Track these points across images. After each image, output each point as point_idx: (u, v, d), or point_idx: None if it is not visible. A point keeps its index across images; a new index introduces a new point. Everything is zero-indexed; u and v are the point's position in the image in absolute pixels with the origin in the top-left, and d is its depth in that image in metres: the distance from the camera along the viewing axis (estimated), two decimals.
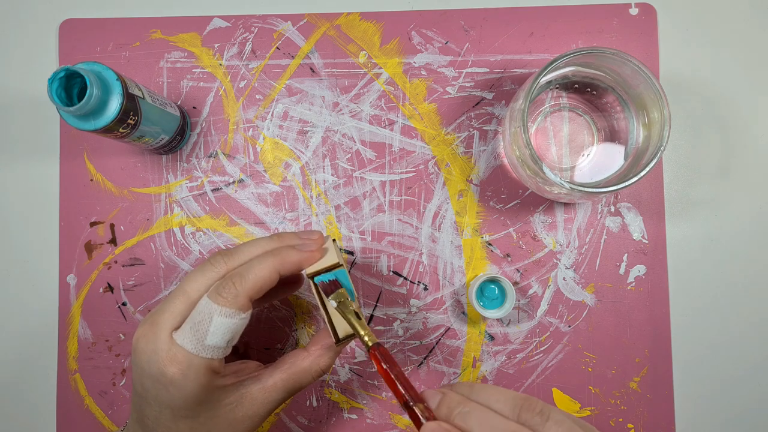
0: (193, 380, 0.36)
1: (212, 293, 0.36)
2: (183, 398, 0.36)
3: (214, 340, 0.36)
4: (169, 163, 0.53)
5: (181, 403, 0.36)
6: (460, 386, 0.34)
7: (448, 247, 0.52)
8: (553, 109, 0.50)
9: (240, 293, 0.36)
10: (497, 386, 0.34)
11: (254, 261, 0.38)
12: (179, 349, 0.36)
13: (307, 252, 0.39)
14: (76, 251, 0.52)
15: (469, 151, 0.52)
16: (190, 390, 0.36)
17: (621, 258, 0.51)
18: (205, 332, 0.36)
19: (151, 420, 0.37)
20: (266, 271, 0.37)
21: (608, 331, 0.51)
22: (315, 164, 0.52)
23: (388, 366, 0.34)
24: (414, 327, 0.52)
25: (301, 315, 0.52)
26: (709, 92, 0.52)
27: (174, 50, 0.53)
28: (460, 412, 0.32)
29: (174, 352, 0.36)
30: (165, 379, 0.36)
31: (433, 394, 0.33)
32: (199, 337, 0.36)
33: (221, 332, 0.36)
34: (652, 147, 0.43)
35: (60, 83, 0.39)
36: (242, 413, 0.38)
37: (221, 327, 0.36)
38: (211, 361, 0.36)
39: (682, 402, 0.51)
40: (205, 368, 0.36)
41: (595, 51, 0.43)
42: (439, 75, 0.52)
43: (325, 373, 0.41)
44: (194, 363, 0.36)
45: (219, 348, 0.36)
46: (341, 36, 0.53)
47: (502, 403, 0.32)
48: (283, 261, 0.38)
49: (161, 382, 0.36)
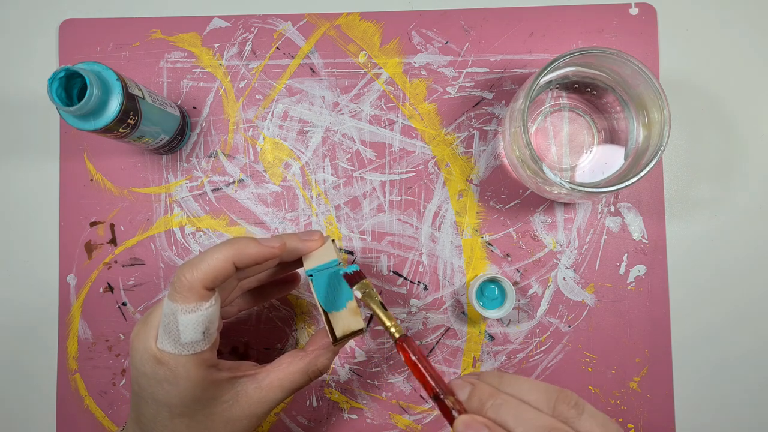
0: (185, 377, 0.36)
1: (170, 292, 0.36)
2: (179, 395, 0.36)
3: (189, 337, 0.36)
4: (169, 163, 0.53)
5: (178, 401, 0.36)
6: (488, 376, 0.33)
7: (448, 247, 0.52)
8: (553, 109, 0.50)
9: (193, 284, 0.35)
10: (527, 377, 0.33)
11: (207, 251, 0.37)
12: (164, 351, 0.36)
13: (267, 247, 0.38)
14: (76, 251, 0.52)
15: (469, 151, 0.52)
16: (184, 386, 0.36)
17: (621, 258, 0.51)
18: (177, 332, 0.36)
19: (148, 419, 0.37)
20: (217, 260, 0.36)
21: (608, 331, 0.51)
22: (315, 164, 0.52)
23: (417, 357, 0.33)
24: (414, 327, 0.52)
25: (301, 315, 0.52)
26: (709, 92, 0.52)
27: (174, 50, 0.53)
28: (492, 404, 0.31)
29: (161, 354, 0.36)
30: (159, 377, 0.36)
31: (462, 385, 0.32)
32: (174, 338, 0.36)
33: (192, 328, 0.36)
34: (652, 147, 0.43)
35: (60, 83, 0.39)
36: (239, 411, 0.38)
37: (189, 323, 0.36)
38: (199, 355, 0.36)
39: (682, 402, 0.51)
40: (195, 363, 0.36)
41: (595, 51, 0.43)
42: (439, 75, 0.52)
43: (323, 374, 0.41)
44: (181, 361, 0.36)
45: (198, 342, 0.36)
46: (341, 36, 0.53)
47: (535, 394, 0.31)
48: (238, 251, 0.37)
49: (156, 380, 0.36)
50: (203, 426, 0.37)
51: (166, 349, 0.36)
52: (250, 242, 0.38)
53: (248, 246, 0.37)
